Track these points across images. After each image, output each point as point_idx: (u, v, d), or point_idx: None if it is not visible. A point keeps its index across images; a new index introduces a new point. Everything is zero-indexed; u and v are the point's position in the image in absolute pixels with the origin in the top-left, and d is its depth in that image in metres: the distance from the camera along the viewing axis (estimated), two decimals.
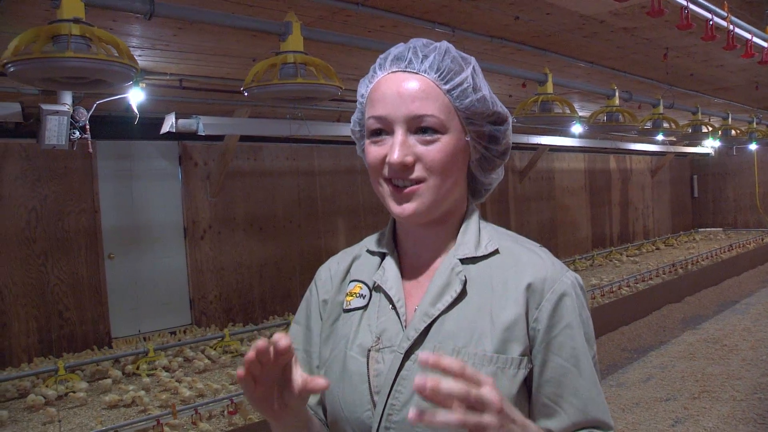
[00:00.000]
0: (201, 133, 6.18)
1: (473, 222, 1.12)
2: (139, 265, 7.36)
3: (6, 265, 6.34)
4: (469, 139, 1.08)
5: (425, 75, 1.04)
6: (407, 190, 1.03)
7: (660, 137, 10.71)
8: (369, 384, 1.04)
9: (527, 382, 1.03)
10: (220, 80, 6.02)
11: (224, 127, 6.75)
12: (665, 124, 8.12)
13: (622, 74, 6.99)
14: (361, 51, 4.82)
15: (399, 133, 1.02)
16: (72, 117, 5.11)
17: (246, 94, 3.77)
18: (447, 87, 1.05)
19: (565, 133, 10.48)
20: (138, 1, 3.13)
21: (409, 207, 1.04)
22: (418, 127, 1.03)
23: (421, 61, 1.05)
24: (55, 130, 5.04)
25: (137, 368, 5.92)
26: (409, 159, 1.02)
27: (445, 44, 1.08)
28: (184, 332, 7.45)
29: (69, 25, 2.64)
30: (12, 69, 2.64)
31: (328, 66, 3.74)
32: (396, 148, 1.02)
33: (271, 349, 0.87)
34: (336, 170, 9.25)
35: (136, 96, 5.23)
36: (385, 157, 1.04)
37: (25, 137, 6.21)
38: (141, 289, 7.35)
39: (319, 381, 0.91)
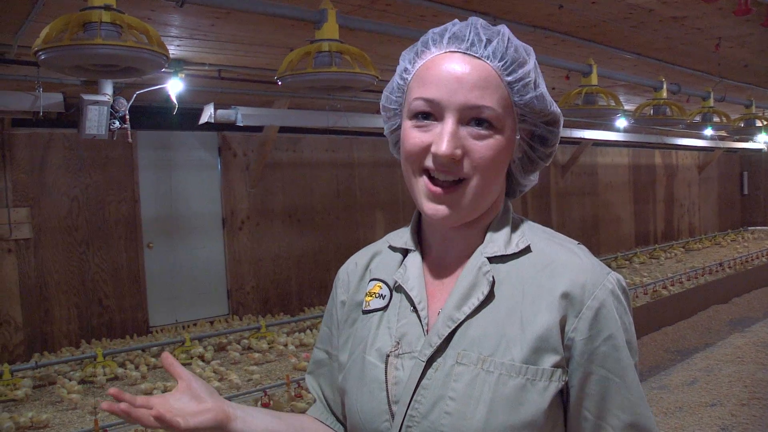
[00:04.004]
0: (239, 123, 6.21)
1: (505, 218, 1.02)
2: (178, 254, 7.42)
3: (49, 253, 6.47)
4: (518, 137, 0.98)
5: (488, 62, 0.94)
6: (446, 190, 0.94)
7: (709, 132, 10.37)
8: (387, 392, 0.97)
9: (562, 395, 0.93)
10: (258, 71, 5.99)
11: (263, 118, 6.75)
12: (715, 118, 7.82)
13: (671, 66, 6.73)
14: (400, 40, 4.73)
15: (450, 122, 0.92)
16: (112, 107, 5.16)
17: (280, 83, 3.72)
18: (509, 79, 0.95)
19: (610, 127, 10.23)
20: None
21: (444, 209, 0.95)
22: (473, 118, 0.93)
23: (485, 46, 0.94)
24: (95, 120, 5.09)
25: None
26: (459, 153, 0.92)
27: (506, 30, 0.98)
28: (221, 323, 7.49)
29: (99, 12, 2.62)
30: (43, 57, 2.63)
31: (363, 54, 3.66)
32: (445, 138, 0.92)
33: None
34: (375, 162, 9.18)
35: (175, 86, 5.25)
36: (429, 146, 0.94)
37: (68, 127, 6.31)
38: (179, 278, 7.42)
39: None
